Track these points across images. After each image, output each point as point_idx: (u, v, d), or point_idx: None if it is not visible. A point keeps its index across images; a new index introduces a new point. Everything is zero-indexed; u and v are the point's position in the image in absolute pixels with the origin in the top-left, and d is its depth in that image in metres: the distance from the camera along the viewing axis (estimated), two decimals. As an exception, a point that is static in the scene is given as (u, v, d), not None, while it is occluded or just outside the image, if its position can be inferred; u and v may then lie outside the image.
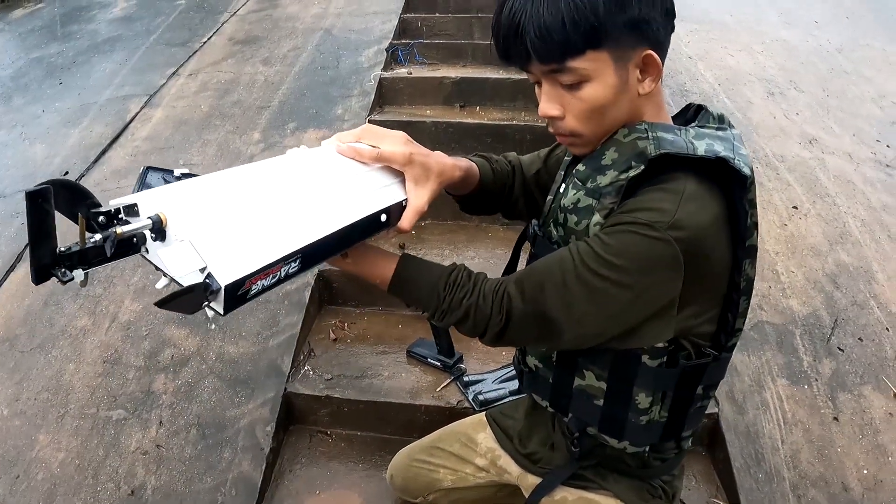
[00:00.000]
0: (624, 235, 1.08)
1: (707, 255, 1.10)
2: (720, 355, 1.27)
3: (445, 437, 1.87)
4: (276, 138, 3.79)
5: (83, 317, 2.79)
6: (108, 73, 4.90)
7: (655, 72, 1.12)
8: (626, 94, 1.13)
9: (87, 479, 2.22)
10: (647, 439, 1.36)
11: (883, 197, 3.50)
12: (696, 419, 1.39)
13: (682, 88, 4.27)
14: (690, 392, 1.30)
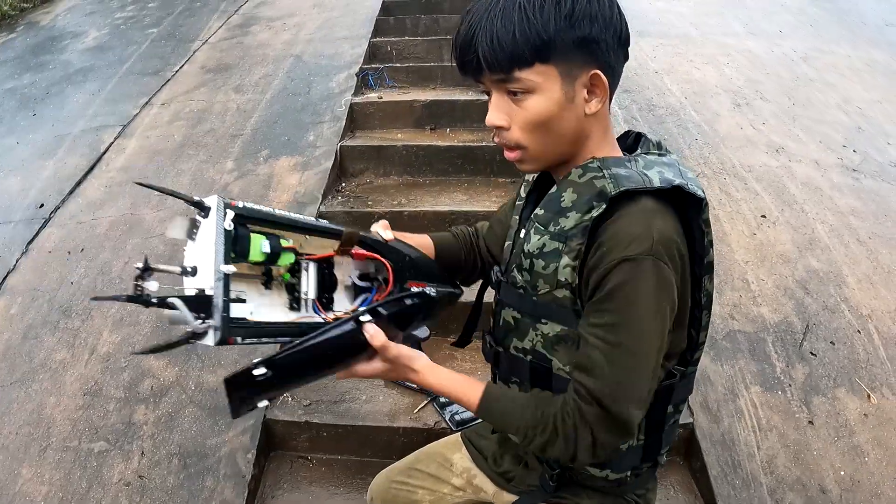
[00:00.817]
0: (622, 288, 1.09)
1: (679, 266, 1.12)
2: (686, 370, 1.30)
3: (423, 459, 1.88)
4: (249, 166, 3.80)
5: (62, 350, 2.79)
6: (81, 103, 4.90)
7: (602, 93, 1.14)
8: (571, 111, 1.15)
9: (71, 513, 2.22)
10: (629, 464, 1.38)
11: (850, 201, 3.55)
12: (671, 436, 1.41)
13: (650, 103, 4.32)
14: (663, 412, 1.32)
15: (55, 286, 3.11)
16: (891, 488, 2.26)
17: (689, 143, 3.92)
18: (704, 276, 1.19)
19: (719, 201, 3.42)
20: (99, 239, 3.36)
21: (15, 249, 3.40)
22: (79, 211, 3.62)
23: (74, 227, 3.48)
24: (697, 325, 1.25)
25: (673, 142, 3.91)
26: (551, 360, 1.27)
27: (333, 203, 3.54)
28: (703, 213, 1.14)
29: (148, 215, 3.48)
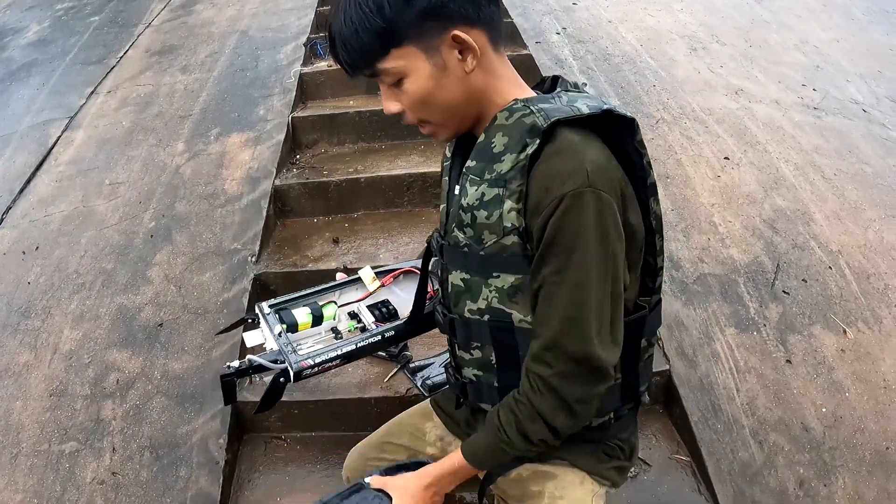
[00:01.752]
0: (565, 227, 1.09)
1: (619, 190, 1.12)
2: (652, 300, 1.29)
3: (394, 431, 1.84)
4: (200, 146, 3.73)
5: (24, 352, 2.72)
6: (26, 99, 4.77)
7: (472, 48, 1.13)
8: (449, 77, 1.15)
9: (47, 518, 2.18)
10: (610, 405, 1.37)
11: (813, 139, 3.55)
12: (647, 372, 1.41)
13: (605, 52, 4.28)
14: (636, 347, 1.31)
15: (12, 288, 3.03)
16: (873, 422, 2.26)
17: (647, 89, 3.89)
18: (650, 199, 1.19)
19: (681, 146, 3.40)
20: (53, 235, 3.28)
21: (-32, 255, 3.31)
22: (31, 209, 3.53)
23: (27, 227, 3.39)
24: (653, 250, 1.25)
25: (630, 89, 3.88)
26: (510, 313, 1.24)
27: (288, 176, 3.48)
28: (637, 134, 1.14)
29: (100, 206, 3.40)
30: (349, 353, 1.56)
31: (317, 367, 1.51)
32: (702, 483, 2.19)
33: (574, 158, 1.08)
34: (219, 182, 3.43)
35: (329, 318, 1.64)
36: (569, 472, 1.47)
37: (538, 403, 1.20)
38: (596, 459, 1.46)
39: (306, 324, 1.60)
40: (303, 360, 1.49)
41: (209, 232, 3.12)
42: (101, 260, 3.07)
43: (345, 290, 1.74)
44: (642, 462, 2.27)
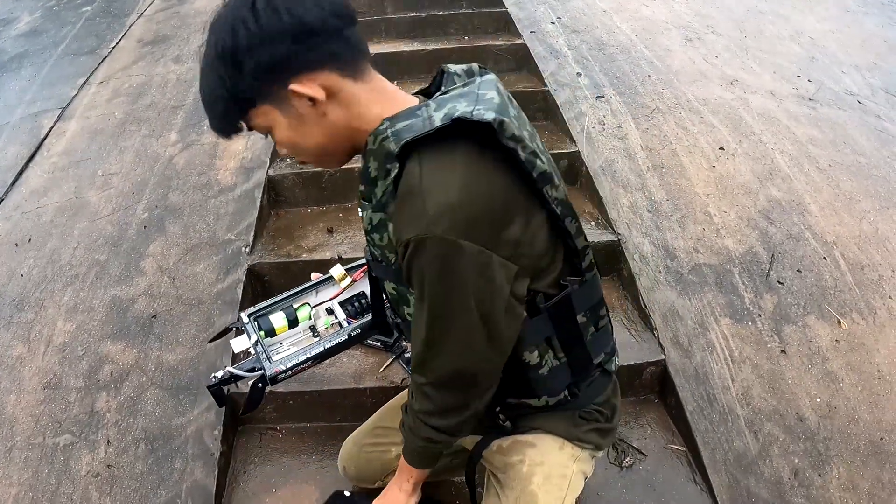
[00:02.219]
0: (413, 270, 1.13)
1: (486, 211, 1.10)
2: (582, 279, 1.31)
3: (385, 416, 1.89)
4: (193, 136, 3.71)
5: (18, 345, 2.70)
6: (17, 90, 4.74)
7: (313, 96, 1.13)
8: (307, 123, 1.17)
9: (43, 511, 2.17)
10: (560, 384, 1.41)
11: (808, 130, 3.55)
12: (602, 342, 1.45)
13: (599, 42, 4.27)
14: (573, 325, 1.34)
15: (5, 280, 3.01)
16: (867, 412, 2.27)
17: (642, 79, 3.88)
18: (545, 187, 1.18)
19: (676, 136, 3.39)
20: (46, 227, 3.26)
21: (-39, 246, 3.29)
22: (23, 201, 3.51)
23: (20, 218, 3.37)
24: (566, 234, 1.25)
25: (625, 79, 3.87)
26: None
27: (282, 166, 3.45)
28: (503, 132, 1.09)
29: (93, 197, 3.38)
30: (319, 354, 1.68)
31: (289, 370, 1.64)
32: (697, 473, 2.19)
33: (414, 202, 1.08)
34: (212, 172, 3.41)
35: (304, 318, 1.75)
36: (547, 439, 1.52)
37: (417, 409, 1.34)
38: (571, 424, 1.49)
39: (283, 327, 1.72)
40: (276, 367, 1.63)
41: (203, 222, 3.10)
42: (94, 251, 3.05)
43: (321, 288, 1.83)
44: (637, 452, 2.28)
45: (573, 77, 3.88)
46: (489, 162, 1.11)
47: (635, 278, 2.66)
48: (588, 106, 3.62)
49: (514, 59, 4.23)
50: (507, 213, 1.13)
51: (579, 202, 3.17)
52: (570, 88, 3.76)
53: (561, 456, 1.52)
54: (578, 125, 3.47)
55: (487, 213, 1.10)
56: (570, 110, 3.57)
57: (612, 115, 3.55)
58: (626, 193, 3.03)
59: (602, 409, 1.52)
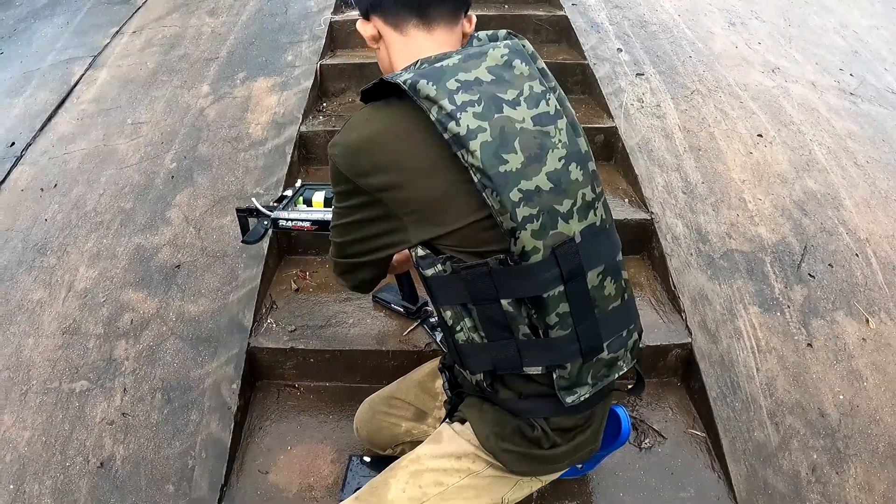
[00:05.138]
0: None
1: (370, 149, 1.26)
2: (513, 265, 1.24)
3: (402, 388, 1.89)
4: (225, 89, 3.69)
5: (38, 289, 2.70)
6: (49, 37, 4.72)
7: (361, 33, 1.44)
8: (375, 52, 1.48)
9: (55, 456, 2.17)
10: (478, 364, 1.36)
11: (848, 124, 3.49)
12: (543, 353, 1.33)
13: (642, 20, 4.21)
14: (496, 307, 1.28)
15: (29, 224, 3.01)
16: (889, 414, 2.24)
17: (683, 59, 3.82)
18: (460, 151, 1.20)
19: (715, 119, 3.34)
20: (72, 173, 3.25)
21: (-13, 190, 3.29)
22: (50, 146, 3.50)
23: (47, 163, 3.36)
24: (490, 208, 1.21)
25: (666, 58, 3.81)
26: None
27: (314, 123, 3.44)
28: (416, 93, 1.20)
29: (122, 145, 3.37)
30: (318, 220, 1.97)
31: (290, 220, 2.01)
32: (716, 460, 2.17)
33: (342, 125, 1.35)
34: (243, 126, 3.39)
35: None
36: (454, 441, 1.48)
37: None
38: (494, 430, 1.42)
39: (319, 203, 2.03)
40: (281, 213, 2.02)
41: (231, 175, 3.08)
42: (120, 199, 3.03)
43: None
44: (658, 434, 2.26)
45: (613, 52, 3.81)
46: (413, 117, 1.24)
47: (666, 259, 2.62)
48: (627, 82, 3.56)
49: (553, 31, 4.16)
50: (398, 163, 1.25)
51: (614, 178, 3.13)
52: (610, 63, 3.70)
53: (448, 463, 1.47)
54: (616, 101, 3.41)
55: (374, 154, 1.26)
56: (608, 85, 3.52)
57: (651, 94, 3.50)
58: (662, 173, 2.98)
59: (546, 430, 1.40)
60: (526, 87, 1.25)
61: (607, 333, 1.35)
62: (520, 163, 1.19)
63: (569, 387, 1.34)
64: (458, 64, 1.24)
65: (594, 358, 1.34)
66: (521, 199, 1.19)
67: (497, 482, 1.46)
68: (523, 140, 1.21)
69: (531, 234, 1.21)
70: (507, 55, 1.27)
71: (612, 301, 1.35)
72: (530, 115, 1.23)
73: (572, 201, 1.25)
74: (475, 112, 1.18)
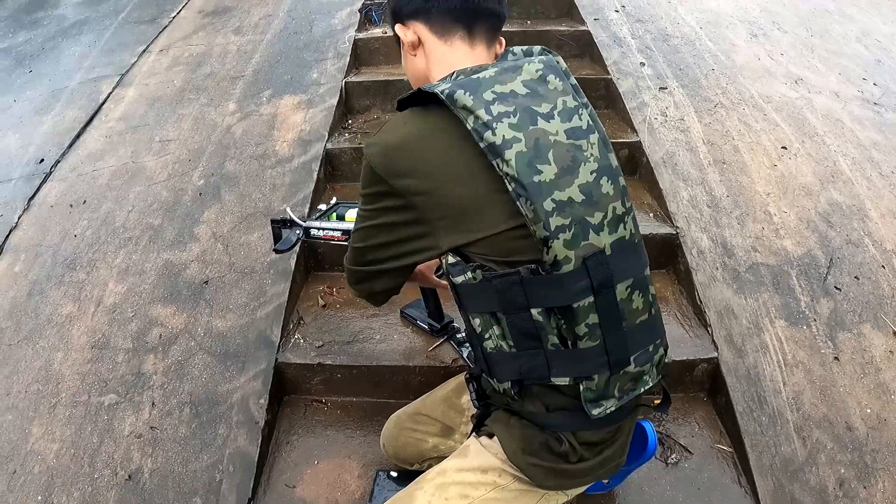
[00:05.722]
0: None
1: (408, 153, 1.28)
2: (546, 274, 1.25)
3: (429, 404, 1.90)
4: (252, 107, 3.73)
5: (68, 304, 2.73)
6: (77, 56, 4.80)
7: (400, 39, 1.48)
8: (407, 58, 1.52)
9: (83, 468, 2.19)
10: (506, 372, 1.36)
11: (872, 135, 3.47)
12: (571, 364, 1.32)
13: (664, 33, 4.21)
14: (526, 317, 1.28)
15: (58, 240, 3.05)
16: (918, 427, 2.21)
17: (706, 72, 3.82)
18: (495, 161, 1.22)
19: (738, 132, 3.34)
20: (101, 190, 3.30)
21: (16, 207, 3.34)
22: (79, 163, 3.55)
23: (75, 180, 3.41)
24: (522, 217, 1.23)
25: (689, 71, 3.81)
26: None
27: (340, 140, 3.47)
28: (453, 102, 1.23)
29: (150, 162, 3.41)
30: (349, 230, 1.92)
31: (321, 230, 2.06)
32: (743, 476, 2.16)
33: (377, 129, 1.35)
34: (270, 143, 3.42)
35: None
36: (480, 454, 1.48)
37: None
38: (522, 444, 1.42)
39: (352, 218, 2.03)
40: (313, 223, 2.08)
41: (259, 192, 3.11)
42: (148, 215, 3.07)
43: None
44: (684, 449, 2.24)
45: (636, 67, 3.82)
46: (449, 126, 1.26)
47: (692, 273, 2.61)
48: (651, 97, 3.57)
49: (576, 46, 4.18)
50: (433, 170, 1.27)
51: (639, 193, 3.13)
52: (633, 78, 3.71)
53: (474, 477, 1.47)
54: (640, 115, 3.42)
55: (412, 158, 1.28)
56: (632, 100, 3.52)
57: (674, 107, 3.50)
58: (686, 187, 2.98)
59: (574, 444, 1.40)
60: (559, 101, 1.28)
61: (634, 347, 1.35)
62: (553, 174, 1.21)
63: (595, 399, 1.34)
64: (494, 76, 1.26)
65: (621, 371, 1.34)
66: (554, 209, 1.20)
67: (523, 496, 1.46)
68: (557, 152, 1.23)
69: (563, 243, 1.22)
70: (542, 70, 1.30)
71: (640, 315, 1.35)
72: (563, 129, 1.25)
73: (603, 214, 1.27)
74: (510, 123, 1.21)
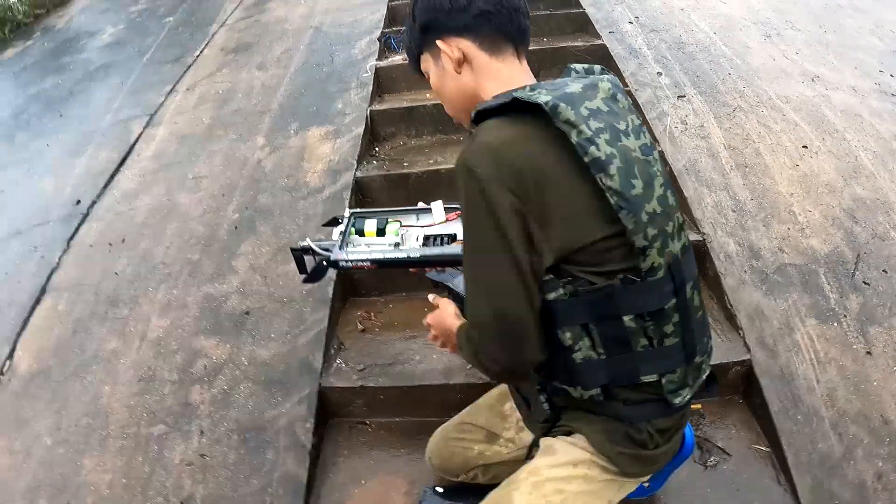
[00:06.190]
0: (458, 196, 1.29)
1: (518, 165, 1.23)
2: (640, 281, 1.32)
3: (474, 412, 1.94)
4: (280, 140, 3.80)
5: (113, 339, 2.81)
6: (106, 99, 4.93)
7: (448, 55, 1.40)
8: (447, 76, 1.44)
9: (135, 497, 2.25)
10: (595, 380, 1.40)
11: (892, 127, 3.47)
12: (657, 361, 1.40)
13: (679, 41, 4.25)
14: (618, 324, 1.34)
15: (99, 278, 3.14)
16: (952, 416, 2.22)
17: (723, 77, 3.85)
18: (598, 175, 1.25)
19: (759, 134, 3.36)
20: (138, 228, 3.39)
21: (56, 248, 3.44)
22: (115, 203, 3.65)
23: (113, 219, 3.51)
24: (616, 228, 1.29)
25: (706, 77, 3.85)
26: None
27: (369, 168, 3.53)
28: (556, 115, 1.23)
29: (184, 199, 3.50)
30: (378, 259, 1.84)
31: (349, 262, 1.86)
32: (781, 474, 2.17)
33: (469, 140, 1.29)
34: (300, 174, 3.49)
35: (391, 232, 1.93)
36: (569, 451, 1.52)
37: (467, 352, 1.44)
38: (609, 437, 1.47)
39: (371, 232, 1.93)
40: (341, 254, 1.86)
41: (293, 223, 3.17)
42: (186, 251, 3.15)
43: (420, 215, 2.00)
44: (722, 451, 2.26)
45: (654, 77, 3.86)
46: (546, 137, 1.25)
47: (721, 278, 2.64)
48: (670, 105, 3.60)
49: (593, 60, 4.12)
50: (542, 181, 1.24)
51: (663, 202, 3.14)
52: (651, 88, 3.75)
53: (567, 471, 1.51)
54: (661, 125, 3.45)
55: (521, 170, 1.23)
56: (651, 110, 3.56)
57: (693, 115, 3.53)
58: (710, 193, 3.01)
59: (653, 434, 1.48)
60: (629, 119, 1.35)
61: (698, 340, 1.45)
62: (641, 188, 1.28)
63: (675, 390, 1.43)
64: (581, 92, 1.29)
65: (692, 362, 1.44)
66: (647, 220, 1.28)
67: (608, 486, 1.53)
68: (640, 168, 1.30)
69: (657, 251, 1.30)
70: (612, 89, 1.36)
71: (698, 311, 1.44)
72: (638, 145, 1.33)
73: (672, 223, 1.35)
74: (606, 139, 1.26)
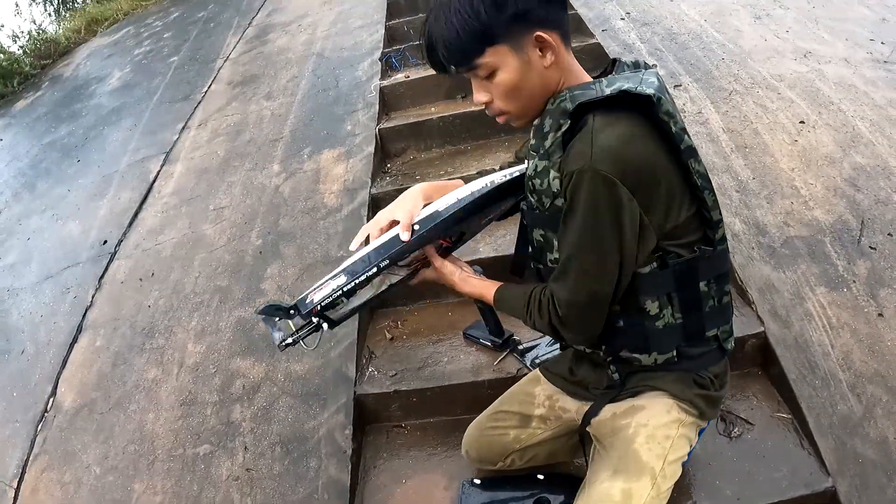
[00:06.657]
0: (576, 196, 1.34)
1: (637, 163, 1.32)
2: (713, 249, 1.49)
3: (506, 400, 2.04)
4: (295, 166, 3.89)
5: (152, 369, 2.92)
6: (121, 141, 5.04)
7: (551, 46, 1.38)
8: (532, 70, 1.40)
9: (187, 515, 2.35)
10: (670, 344, 1.58)
11: (887, 93, 3.50)
12: (718, 317, 1.60)
13: (670, 32, 4.31)
14: (695, 289, 1.52)
15: (133, 312, 3.25)
16: (968, 367, 2.26)
17: (717, 63, 3.91)
18: (689, 161, 1.39)
19: (756, 115, 3.42)
20: (166, 261, 3.50)
21: (88, 287, 3.55)
22: (141, 240, 3.76)
23: (141, 256, 3.62)
24: (705, 205, 1.45)
25: (700, 65, 3.91)
26: None
27: (383, 184, 3.62)
28: (661, 106, 1.33)
29: (208, 230, 3.61)
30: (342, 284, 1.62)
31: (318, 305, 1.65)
32: (804, 438, 2.20)
33: (585, 142, 1.31)
34: (318, 196, 3.58)
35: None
36: (657, 403, 1.66)
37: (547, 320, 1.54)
38: (683, 384, 1.64)
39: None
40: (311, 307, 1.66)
41: (315, 243, 3.26)
42: (214, 279, 3.26)
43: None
44: (745, 422, 2.30)
45: (649, 70, 3.89)
46: (646, 129, 1.34)
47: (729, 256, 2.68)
48: (667, 97, 3.63)
49: (589, 59, 4.21)
50: (653, 173, 1.35)
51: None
52: (647, 81, 3.78)
53: (666, 418, 1.64)
54: (659, 117, 3.48)
55: (640, 167, 1.32)
56: (649, 103, 3.59)
57: (691, 102, 3.60)
58: (713, 176, 3.05)
59: (714, 379, 1.66)
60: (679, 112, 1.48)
61: None
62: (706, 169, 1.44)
63: (727, 338, 1.65)
64: (661, 85, 1.39)
65: None
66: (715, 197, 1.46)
67: (691, 428, 1.69)
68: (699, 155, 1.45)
69: (721, 224, 1.49)
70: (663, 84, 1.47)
71: None
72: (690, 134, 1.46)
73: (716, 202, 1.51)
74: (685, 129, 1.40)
